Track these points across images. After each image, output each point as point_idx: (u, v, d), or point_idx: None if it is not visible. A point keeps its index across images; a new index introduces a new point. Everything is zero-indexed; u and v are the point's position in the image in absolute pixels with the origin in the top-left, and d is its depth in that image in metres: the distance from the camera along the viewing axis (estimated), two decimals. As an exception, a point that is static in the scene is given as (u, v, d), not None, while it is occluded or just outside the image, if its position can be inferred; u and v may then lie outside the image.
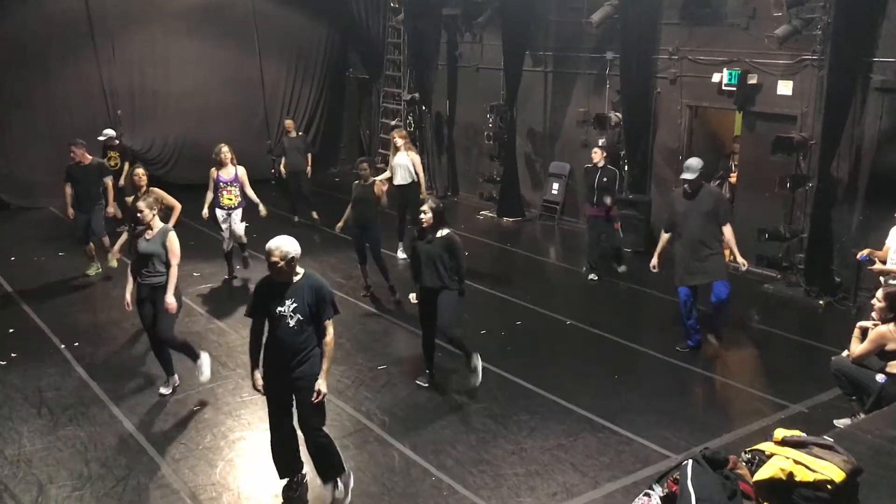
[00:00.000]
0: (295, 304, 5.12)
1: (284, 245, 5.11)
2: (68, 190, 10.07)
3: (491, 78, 14.37)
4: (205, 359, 7.13)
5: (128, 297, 7.00)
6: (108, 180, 10.27)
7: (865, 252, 7.80)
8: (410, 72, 16.03)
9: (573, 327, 8.98)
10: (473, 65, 14.96)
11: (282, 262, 5.08)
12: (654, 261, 8.30)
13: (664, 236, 8.32)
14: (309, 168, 13.32)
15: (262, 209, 10.26)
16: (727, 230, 7.82)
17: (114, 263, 10.14)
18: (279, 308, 5.14)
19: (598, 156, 10.25)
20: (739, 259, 7.86)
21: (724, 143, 11.97)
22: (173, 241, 6.85)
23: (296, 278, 5.19)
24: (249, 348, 5.42)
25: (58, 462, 5.97)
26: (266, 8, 16.58)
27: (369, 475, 5.88)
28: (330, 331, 5.25)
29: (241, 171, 9.99)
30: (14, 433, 6.38)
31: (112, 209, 10.36)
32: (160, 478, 5.82)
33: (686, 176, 7.80)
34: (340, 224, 9.74)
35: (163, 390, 7.18)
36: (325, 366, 5.27)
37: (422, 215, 7.04)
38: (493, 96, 14.17)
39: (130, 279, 6.96)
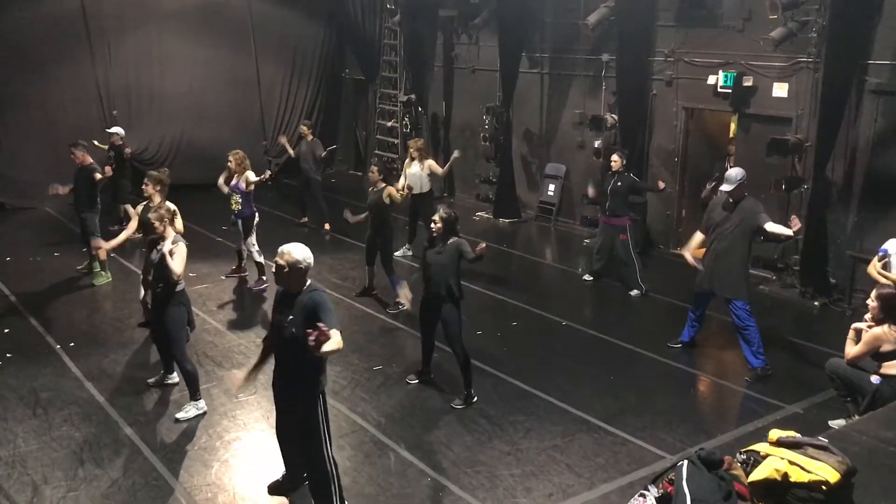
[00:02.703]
0: (293, 317, 4.95)
1: (296, 252, 4.94)
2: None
3: (487, 79, 14.39)
4: (199, 405, 6.77)
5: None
6: (97, 175, 9.85)
7: None
8: (407, 73, 16.04)
9: (569, 328, 8.99)
10: (470, 66, 14.97)
11: (287, 268, 4.94)
12: (690, 259, 8.02)
13: (697, 236, 8.09)
14: (323, 153, 13.02)
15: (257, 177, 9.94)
16: (769, 227, 7.42)
17: (101, 280, 10.12)
18: (280, 317, 5.08)
19: (616, 163, 9.93)
20: (792, 227, 7.42)
21: (719, 145, 12.00)
22: (178, 254, 6.67)
23: (303, 290, 5.00)
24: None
25: (53, 462, 5.96)
26: (262, 8, 16.59)
27: (365, 476, 5.88)
28: (336, 334, 4.66)
29: (245, 180, 9.81)
30: (9, 433, 6.37)
31: (98, 175, 9.82)
32: (155, 478, 5.80)
33: (725, 187, 7.57)
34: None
35: (150, 380, 7.34)
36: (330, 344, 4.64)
37: (432, 224, 7.03)
38: (490, 98, 14.19)
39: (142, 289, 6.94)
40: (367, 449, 6.28)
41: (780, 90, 10.17)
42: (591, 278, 10.56)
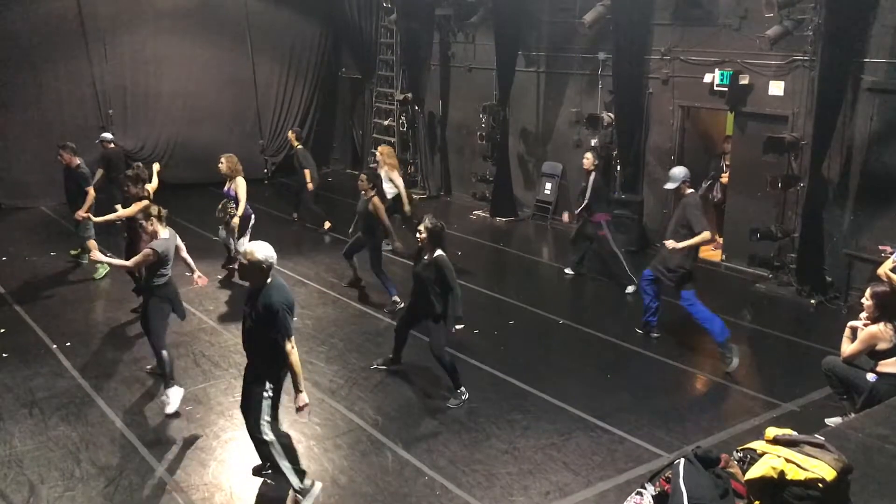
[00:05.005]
0: (251, 310, 5.26)
1: (258, 251, 5.20)
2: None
3: (484, 78, 14.38)
4: (175, 392, 6.87)
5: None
6: (90, 190, 10.04)
7: None
8: (403, 72, 16.02)
9: (566, 326, 8.99)
10: (466, 65, 14.97)
11: (248, 265, 5.20)
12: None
13: None
14: (309, 184, 12.59)
15: (234, 220, 9.92)
16: (699, 236, 7.74)
17: (100, 273, 10.22)
18: (245, 308, 5.38)
19: (588, 161, 10.06)
20: (668, 244, 7.84)
21: (715, 144, 12.02)
22: (141, 253, 6.96)
23: (264, 287, 5.26)
24: None
25: (49, 462, 5.95)
26: (258, 7, 16.57)
27: (362, 475, 5.88)
28: (287, 347, 5.18)
29: (236, 186, 9.86)
30: (5, 433, 6.36)
31: (83, 214, 9.89)
32: (152, 478, 5.80)
33: (667, 186, 8.12)
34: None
35: (147, 367, 7.48)
36: (295, 379, 5.29)
37: (417, 234, 7.08)
38: (486, 96, 14.19)
39: None
40: (364, 448, 6.28)
41: (777, 88, 10.18)
42: (571, 272, 10.66)
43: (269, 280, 5.26)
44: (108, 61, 14.93)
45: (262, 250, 5.21)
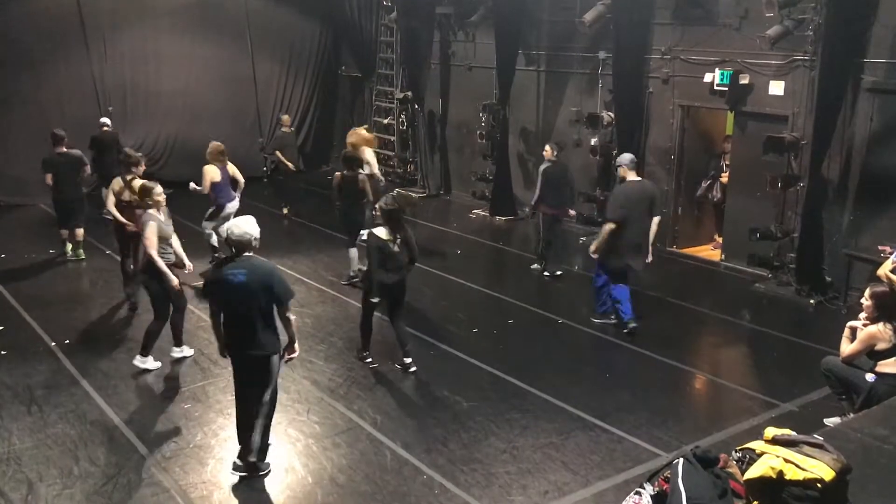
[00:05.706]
0: None
1: (237, 222, 5.64)
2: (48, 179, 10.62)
3: (484, 77, 14.37)
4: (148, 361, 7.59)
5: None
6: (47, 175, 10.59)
7: None
8: (403, 70, 16.03)
9: (565, 326, 8.99)
10: (466, 63, 14.96)
11: (232, 238, 5.67)
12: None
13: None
14: (291, 164, 13.70)
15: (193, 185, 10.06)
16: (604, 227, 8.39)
17: (76, 255, 10.82)
18: None
19: (547, 153, 10.49)
20: (593, 246, 8.46)
21: (715, 143, 12.01)
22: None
23: None
24: None
25: (48, 460, 5.95)
26: (258, 6, 16.58)
27: (361, 474, 5.88)
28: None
29: (203, 171, 9.97)
30: (4, 431, 6.35)
31: (49, 180, 10.61)
32: (150, 476, 5.80)
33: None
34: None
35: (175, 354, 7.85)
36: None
37: (375, 211, 7.64)
38: (486, 95, 14.18)
39: None
40: (362, 447, 6.28)
41: (777, 88, 10.18)
42: (548, 274, 10.75)
43: (244, 254, 5.59)
44: (107, 59, 14.95)
45: (241, 224, 5.59)
